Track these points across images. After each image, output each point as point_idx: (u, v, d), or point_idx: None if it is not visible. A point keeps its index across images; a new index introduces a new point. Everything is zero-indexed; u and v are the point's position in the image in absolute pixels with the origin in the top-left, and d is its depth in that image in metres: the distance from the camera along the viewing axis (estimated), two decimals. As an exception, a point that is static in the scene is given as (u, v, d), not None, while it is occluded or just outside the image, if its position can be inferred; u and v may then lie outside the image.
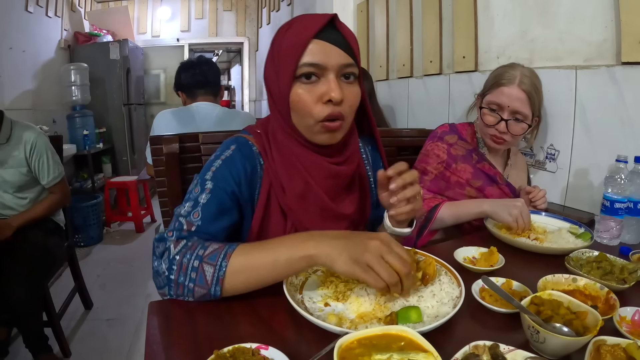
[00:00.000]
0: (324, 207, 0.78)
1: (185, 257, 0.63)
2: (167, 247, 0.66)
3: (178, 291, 0.64)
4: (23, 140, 1.64)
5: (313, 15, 0.73)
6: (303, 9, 3.41)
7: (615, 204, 0.95)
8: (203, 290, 0.62)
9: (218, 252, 0.63)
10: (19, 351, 1.71)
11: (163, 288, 0.65)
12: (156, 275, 0.66)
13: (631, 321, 0.60)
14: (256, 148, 0.80)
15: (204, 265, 0.62)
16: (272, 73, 0.75)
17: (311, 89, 0.71)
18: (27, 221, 1.63)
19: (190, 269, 0.62)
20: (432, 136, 1.27)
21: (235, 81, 7.88)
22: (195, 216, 0.70)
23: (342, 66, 0.71)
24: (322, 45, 0.69)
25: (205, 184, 0.73)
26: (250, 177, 0.77)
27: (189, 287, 0.63)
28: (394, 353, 0.46)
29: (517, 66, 1.17)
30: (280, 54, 0.72)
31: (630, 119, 1.11)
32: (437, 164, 1.20)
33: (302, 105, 0.71)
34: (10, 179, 1.65)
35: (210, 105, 1.73)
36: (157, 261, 0.66)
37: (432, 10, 1.84)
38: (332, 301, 0.64)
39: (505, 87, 1.13)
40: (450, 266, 0.71)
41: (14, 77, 3.14)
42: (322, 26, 0.70)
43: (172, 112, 1.69)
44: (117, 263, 2.86)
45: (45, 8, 3.61)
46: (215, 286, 0.62)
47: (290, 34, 0.72)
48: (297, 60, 0.69)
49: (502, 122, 1.14)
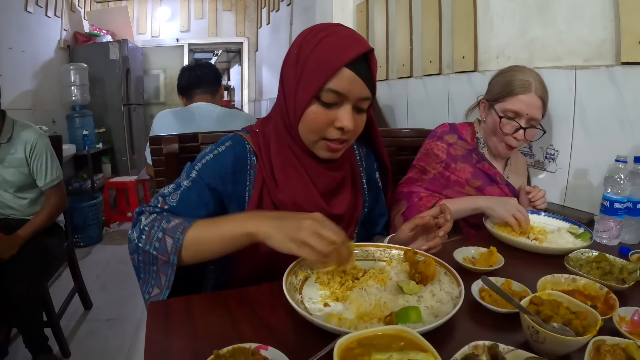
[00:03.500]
0: (316, 204, 0.80)
1: (153, 228, 0.70)
2: (139, 219, 0.73)
3: (145, 258, 0.71)
4: (24, 141, 1.64)
5: (348, 36, 0.73)
6: (303, 9, 3.41)
7: (614, 204, 0.95)
8: (164, 257, 0.69)
9: (178, 226, 0.69)
10: (19, 351, 1.71)
11: (133, 254, 0.73)
12: (129, 242, 0.73)
13: (631, 321, 0.60)
14: (251, 147, 0.82)
15: (165, 237, 0.69)
16: (292, 78, 0.75)
17: (327, 112, 0.73)
18: (33, 232, 1.62)
19: (155, 239, 0.69)
20: (432, 135, 1.27)
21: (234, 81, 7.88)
22: (174, 198, 0.76)
23: (361, 99, 0.74)
24: (350, 76, 0.70)
25: (191, 173, 0.78)
26: (238, 176, 0.80)
27: (153, 254, 0.69)
28: (393, 353, 0.46)
29: (526, 70, 1.16)
30: (306, 66, 0.73)
31: (629, 119, 1.11)
32: (436, 163, 1.20)
33: (314, 124, 0.74)
34: (10, 179, 1.64)
35: (210, 106, 1.73)
36: (131, 230, 0.74)
37: (431, 10, 1.84)
38: (331, 301, 0.64)
39: (523, 95, 1.12)
40: (449, 266, 0.71)
41: (14, 77, 3.13)
42: (357, 56, 0.70)
43: (172, 112, 1.69)
44: (117, 263, 2.86)
45: (44, 8, 3.61)
46: (173, 255, 0.68)
47: (322, 49, 0.71)
48: (324, 82, 0.70)
49: (521, 130, 1.13)
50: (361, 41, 0.73)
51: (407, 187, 1.19)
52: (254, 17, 5.43)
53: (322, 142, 0.76)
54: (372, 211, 0.98)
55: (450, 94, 1.80)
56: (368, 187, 0.95)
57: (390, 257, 0.79)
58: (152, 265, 0.71)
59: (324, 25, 0.75)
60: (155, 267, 0.71)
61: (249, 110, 5.62)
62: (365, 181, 0.95)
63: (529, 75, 1.14)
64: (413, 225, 0.81)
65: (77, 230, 3.12)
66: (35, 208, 1.73)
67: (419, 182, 1.19)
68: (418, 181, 1.20)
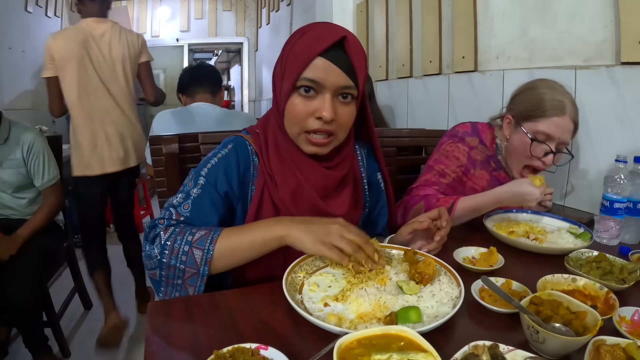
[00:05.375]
0: (314, 203, 0.80)
1: (176, 242, 0.70)
2: (158, 234, 0.71)
3: (169, 272, 0.70)
4: (21, 141, 1.63)
5: (326, 28, 0.75)
6: (303, 9, 3.41)
7: (614, 204, 0.95)
8: (192, 270, 0.69)
9: (205, 238, 0.70)
10: (19, 351, 1.71)
11: (154, 269, 0.71)
12: (147, 259, 0.72)
13: (631, 321, 0.60)
14: (252, 148, 0.83)
15: (193, 250, 0.69)
16: (279, 75, 0.78)
17: (307, 102, 0.74)
18: (33, 232, 1.62)
19: (181, 253, 0.69)
20: (452, 135, 1.18)
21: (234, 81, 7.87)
22: (185, 207, 0.76)
23: (340, 87, 0.73)
24: (325, 64, 0.71)
25: (199, 179, 0.78)
26: (243, 177, 0.81)
27: (180, 268, 0.69)
28: (393, 353, 0.46)
29: (557, 87, 1.07)
30: (287, 60, 0.75)
31: (629, 119, 1.11)
32: (456, 167, 1.13)
33: (295, 115, 0.75)
34: (8, 180, 1.64)
35: (209, 106, 1.73)
36: (149, 246, 0.72)
37: (431, 10, 1.84)
38: (331, 301, 0.64)
39: (557, 117, 1.03)
40: (449, 266, 0.71)
41: (14, 77, 3.13)
42: (331, 45, 0.71)
43: (172, 113, 1.69)
44: (117, 263, 2.85)
45: (44, 8, 3.61)
46: (203, 267, 0.69)
47: (300, 43, 0.74)
48: (300, 72, 0.72)
49: (551, 154, 1.05)
50: (336, 30, 0.73)
51: (422, 190, 1.11)
52: (254, 17, 5.43)
53: (303, 135, 0.76)
54: (372, 212, 0.98)
55: (450, 94, 1.80)
56: (369, 187, 0.95)
57: (390, 257, 0.79)
58: (177, 279, 0.71)
59: (306, 25, 0.77)
60: (180, 280, 0.71)
61: (249, 110, 5.62)
62: (366, 182, 0.95)
63: (563, 95, 1.05)
64: (411, 229, 0.81)
65: (77, 230, 3.11)
66: (34, 208, 1.73)
67: (437, 186, 1.11)
68: (436, 184, 1.12)
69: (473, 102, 1.67)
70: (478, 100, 1.64)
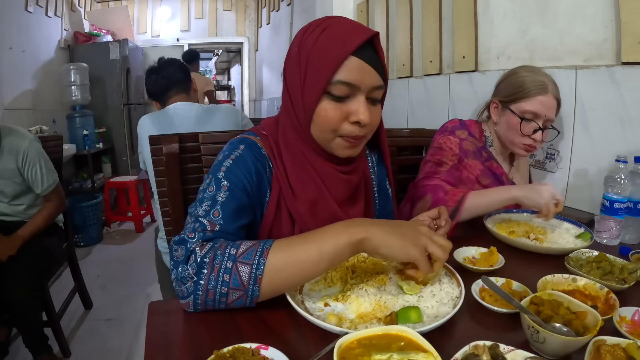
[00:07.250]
0: (333, 214, 0.77)
1: (217, 258, 0.58)
2: (192, 250, 0.60)
3: (208, 298, 0.58)
4: (14, 151, 1.57)
5: (351, 25, 0.69)
6: (303, 9, 3.41)
7: (615, 204, 0.95)
8: (238, 292, 0.58)
9: (254, 250, 0.59)
10: (19, 351, 1.71)
11: (188, 297, 0.59)
12: (180, 283, 0.59)
13: (631, 321, 0.60)
14: (264, 151, 0.77)
15: (238, 265, 0.57)
16: (297, 78, 0.70)
17: (340, 106, 0.68)
18: (33, 232, 1.61)
19: (223, 270, 0.57)
20: (443, 130, 1.24)
21: (235, 81, 7.88)
22: (216, 215, 0.66)
23: (374, 88, 0.69)
24: (359, 64, 0.66)
25: (221, 183, 0.69)
26: (260, 179, 0.74)
27: (222, 291, 0.57)
28: (393, 353, 0.46)
29: (537, 70, 1.14)
30: (310, 61, 0.67)
31: (630, 119, 1.11)
32: (451, 156, 1.18)
33: (326, 121, 0.69)
34: (4, 189, 1.61)
35: (187, 105, 1.67)
36: (181, 267, 0.60)
37: (432, 10, 1.84)
38: (332, 301, 0.64)
39: (541, 95, 1.10)
40: (450, 266, 0.71)
41: (14, 77, 3.14)
42: (362, 42, 0.65)
43: (151, 118, 1.64)
44: (117, 263, 2.86)
45: (45, 8, 3.61)
46: (253, 286, 0.57)
47: (324, 42, 0.67)
48: (331, 75, 0.65)
49: (539, 131, 1.11)
50: (363, 28, 0.68)
51: (429, 180, 1.14)
52: (254, 17, 5.43)
53: (338, 139, 0.70)
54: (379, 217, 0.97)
55: (450, 94, 1.80)
56: (378, 194, 0.94)
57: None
58: (219, 304, 0.60)
59: (321, 19, 0.70)
60: (224, 305, 0.60)
61: (249, 110, 5.62)
62: (377, 188, 0.93)
63: (543, 75, 1.12)
64: None
65: (77, 230, 3.12)
66: (33, 210, 1.71)
67: (437, 175, 1.15)
68: (436, 173, 1.16)
69: (473, 102, 1.66)
70: (478, 100, 1.63)
